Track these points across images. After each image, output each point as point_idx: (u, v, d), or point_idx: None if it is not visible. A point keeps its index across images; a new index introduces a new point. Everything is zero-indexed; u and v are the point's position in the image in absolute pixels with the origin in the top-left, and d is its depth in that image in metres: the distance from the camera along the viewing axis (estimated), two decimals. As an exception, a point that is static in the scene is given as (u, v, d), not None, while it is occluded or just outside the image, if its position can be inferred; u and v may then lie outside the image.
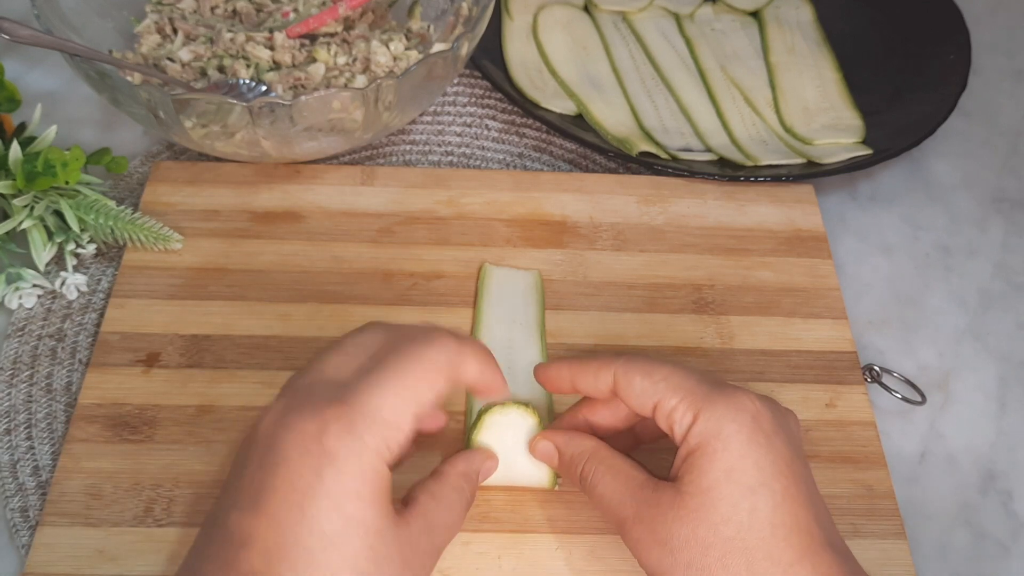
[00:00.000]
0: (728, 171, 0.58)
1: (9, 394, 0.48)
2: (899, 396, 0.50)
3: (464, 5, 0.60)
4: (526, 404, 0.42)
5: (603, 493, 0.39)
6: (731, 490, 0.35)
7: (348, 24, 0.60)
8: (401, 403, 0.35)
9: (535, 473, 0.42)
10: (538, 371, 0.43)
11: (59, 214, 0.51)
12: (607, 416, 0.42)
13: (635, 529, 0.37)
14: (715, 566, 0.35)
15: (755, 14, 0.71)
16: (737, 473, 0.35)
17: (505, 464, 0.42)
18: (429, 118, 0.63)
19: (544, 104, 0.62)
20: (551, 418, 0.46)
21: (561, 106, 0.62)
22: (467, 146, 0.62)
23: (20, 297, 0.51)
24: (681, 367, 0.39)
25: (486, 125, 0.63)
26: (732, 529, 0.35)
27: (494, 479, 0.42)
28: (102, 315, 0.51)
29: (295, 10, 0.60)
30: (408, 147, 0.61)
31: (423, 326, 0.38)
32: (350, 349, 0.38)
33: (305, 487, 0.34)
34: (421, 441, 0.40)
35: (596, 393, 0.40)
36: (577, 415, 0.43)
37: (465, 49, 0.53)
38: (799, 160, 0.60)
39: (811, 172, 0.59)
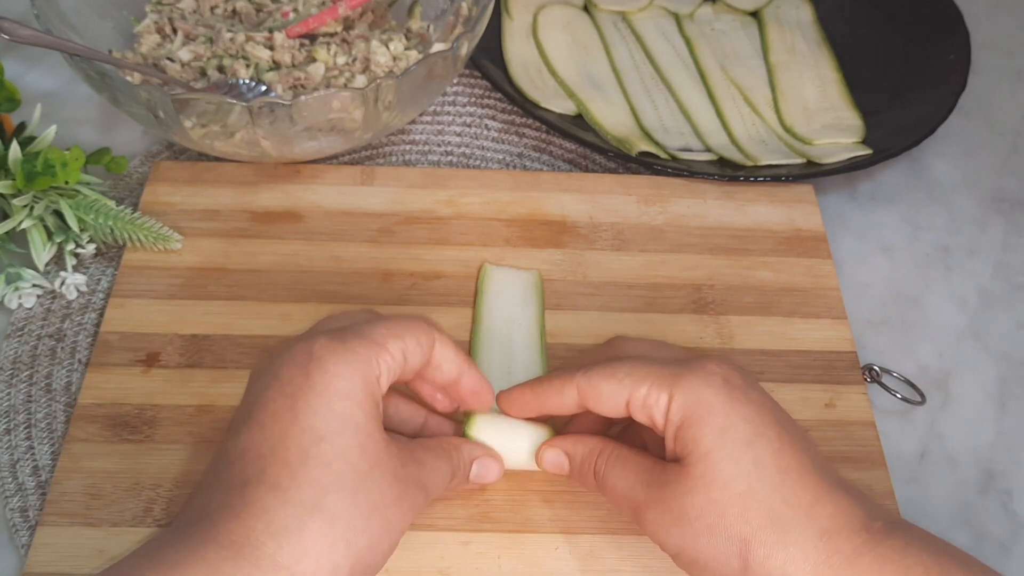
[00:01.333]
0: (728, 171, 0.59)
1: (9, 394, 0.48)
2: (899, 396, 0.50)
3: (464, 5, 0.60)
4: None
5: (615, 484, 0.39)
6: (730, 447, 0.35)
7: (348, 24, 0.60)
8: (391, 334, 0.37)
9: (530, 456, 0.42)
10: (500, 399, 0.42)
11: (59, 214, 0.51)
12: (556, 405, 0.41)
13: (650, 512, 0.37)
14: (737, 524, 0.35)
15: (755, 14, 0.71)
16: (730, 431, 0.36)
17: (501, 451, 0.42)
18: (429, 118, 0.63)
19: (544, 104, 0.62)
20: None
21: (561, 106, 0.62)
22: (467, 146, 0.62)
23: (20, 297, 0.51)
24: (639, 358, 0.39)
25: (486, 125, 0.63)
26: (743, 483, 0.35)
27: None
28: (102, 315, 0.51)
29: (295, 10, 0.60)
30: (408, 147, 0.61)
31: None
32: (341, 317, 0.41)
33: (294, 390, 0.35)
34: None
35: (564, 411, 0.40)
36: (525, 395, 0.42)
37: (465, 49, 0.53)
38: (799, 160, 0.60)
39: (811, 172, 0.59)
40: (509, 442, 0.42)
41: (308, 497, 0.33)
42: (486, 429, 0.42)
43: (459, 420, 0.43)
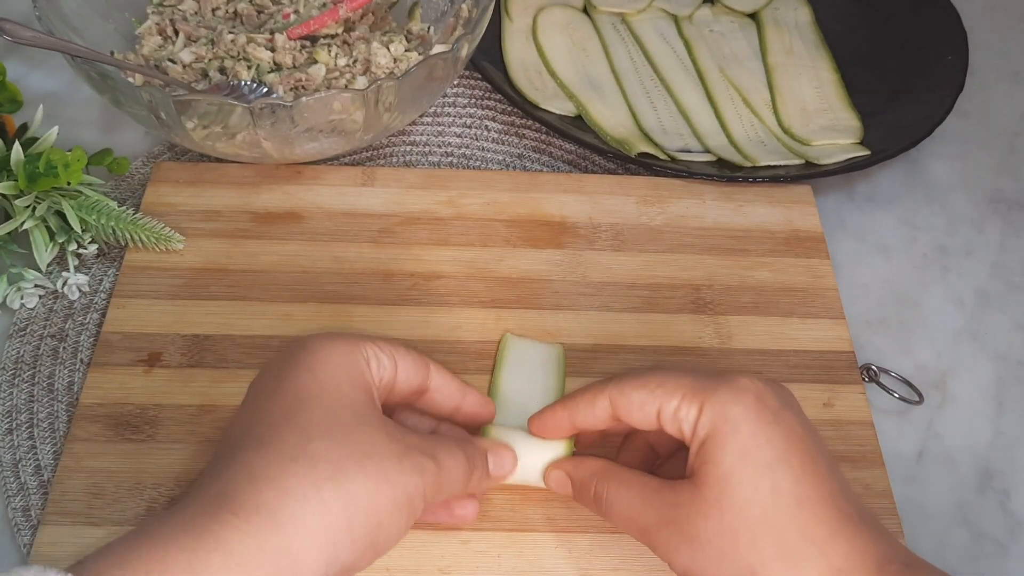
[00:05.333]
0: (726, 172, 0.59)
1: (11, 394, 0.48)
2: (897, 396, 0.51)
3: (464, 7, 0.61)
4: None
5: (620, 509, 0.38)
6: (749, 471, 0.34)
7: (349, 26, 0.60)
8: (381, 339, 0.38)
9: (542, 471, 0.42)
10: (533, 422, 0.41)
11: (61, 215, 0.51)
12: (588, 417, 0.40)
13: (661, 534, 0.36)
14: (747, 552, 0.34)
15: (753, 15, 0.72)
16: (752, 453, 0.34)
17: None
18: (429, 119, 0.63)
19: (543, 105, 0.62)
20: None
21: (560, 107, 0.62)
22: (467, 147, 0.62)
23: (22, 297, 0.51)
24: (673, 370, 0.38)
25: (486, 126, 0.63)
26: (757, 510, 0.34)
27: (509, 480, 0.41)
28: (104, 315, 0.51)
29: (296, 12, 0.60)
30: (408, 148, 0.61)
31: None
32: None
33: (279, 371, 0.37)
34: None
35: (597, 423, 0.39)
36: (557, 414, 0.41)
37: (465, 50, 0.53)
38: (797, 161, 0.60)
39: (809, 173, 0.59)
40: (524, 456, 0.41)
41: (290, 445, 0.33)
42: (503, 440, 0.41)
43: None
